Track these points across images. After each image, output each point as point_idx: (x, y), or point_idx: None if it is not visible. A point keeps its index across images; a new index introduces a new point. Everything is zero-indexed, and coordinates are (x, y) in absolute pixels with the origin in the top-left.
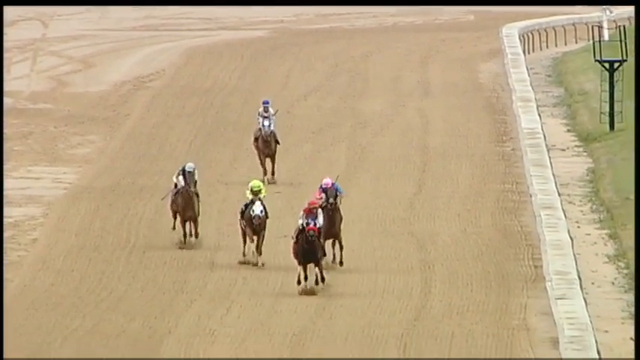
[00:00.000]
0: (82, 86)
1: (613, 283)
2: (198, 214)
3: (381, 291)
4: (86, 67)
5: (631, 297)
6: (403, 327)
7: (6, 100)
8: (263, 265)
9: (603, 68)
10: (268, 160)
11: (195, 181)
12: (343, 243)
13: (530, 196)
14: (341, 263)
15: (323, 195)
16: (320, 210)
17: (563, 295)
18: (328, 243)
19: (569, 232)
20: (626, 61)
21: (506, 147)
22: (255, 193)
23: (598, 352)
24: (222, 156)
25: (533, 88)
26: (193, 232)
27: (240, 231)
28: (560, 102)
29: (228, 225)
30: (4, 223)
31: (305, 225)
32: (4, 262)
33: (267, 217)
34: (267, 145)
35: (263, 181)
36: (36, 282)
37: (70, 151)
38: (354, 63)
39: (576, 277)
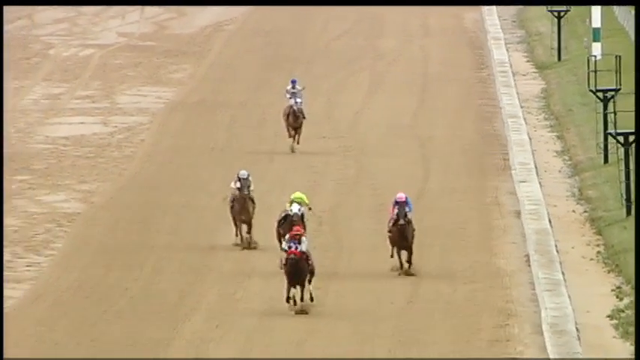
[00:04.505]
0: (177, 29)
1: (560, 171)
2: (252, 217)
3: (391, 177)
4: (180, 15)
5: (573, 181)
6: None
7: (121, 39)
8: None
9: (553, 16)
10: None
11: (249, 187)
12: (413, 251)
13: (500, 108)
14: (409, 263)
15: (395, 210)
16: (304, 238)
17: (524, 179)
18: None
19: (528, 134)
20: (569, 10)
21: (482, 73)
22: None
23: (549, 221)
24: (278, 80)
25: (502, 30)
26: (247, 234)
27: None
28: (522, 40)
29: (275, 134)
30: (119, 128)
31: (287, 248)
32: (120, 155)
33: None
34: (296, 120)
35: (292, 147)
36: (143, 171)
37: (169, 76)
38: (374, 13)
39: (533, 167)
